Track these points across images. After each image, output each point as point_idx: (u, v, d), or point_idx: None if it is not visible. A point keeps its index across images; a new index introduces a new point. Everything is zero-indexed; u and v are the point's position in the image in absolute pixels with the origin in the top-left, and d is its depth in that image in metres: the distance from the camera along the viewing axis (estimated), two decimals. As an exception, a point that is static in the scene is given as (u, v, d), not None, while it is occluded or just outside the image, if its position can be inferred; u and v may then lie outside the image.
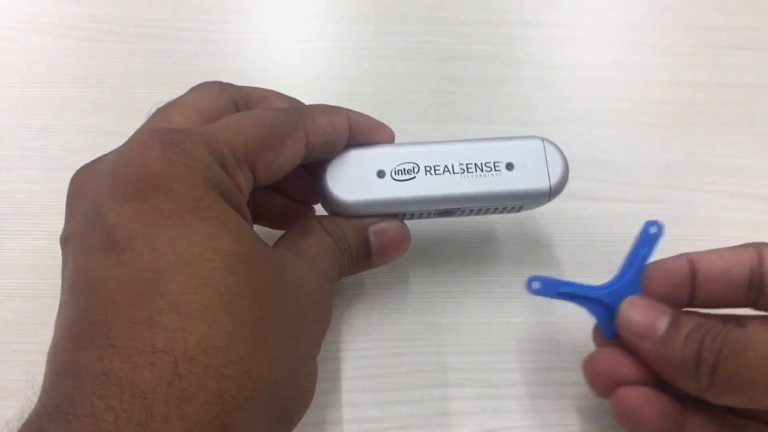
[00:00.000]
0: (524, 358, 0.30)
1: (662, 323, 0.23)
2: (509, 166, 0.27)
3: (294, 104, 0.28)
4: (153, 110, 0.25)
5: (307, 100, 0.28)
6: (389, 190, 0.27)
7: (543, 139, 0.28)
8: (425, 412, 0.29)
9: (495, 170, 0.27)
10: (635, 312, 0.24)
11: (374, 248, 0.27)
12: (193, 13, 0.41)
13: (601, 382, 0.25)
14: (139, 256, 0.19)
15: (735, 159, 0.37)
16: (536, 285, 0.26)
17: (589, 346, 0.31)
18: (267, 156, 0.23)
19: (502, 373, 0.30)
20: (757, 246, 0.25)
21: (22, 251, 0.32)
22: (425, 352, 0.30)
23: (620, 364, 0.25)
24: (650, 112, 0.39)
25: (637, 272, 0.26)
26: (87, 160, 0.34)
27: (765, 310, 0.26)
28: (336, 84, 0.39)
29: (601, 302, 0.26)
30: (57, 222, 0.32)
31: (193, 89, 0.26)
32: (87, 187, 0.22)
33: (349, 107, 0.27)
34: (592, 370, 0.26)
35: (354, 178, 0.27)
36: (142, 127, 0.24)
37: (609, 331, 0.26)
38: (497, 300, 0.32)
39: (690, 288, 0.25)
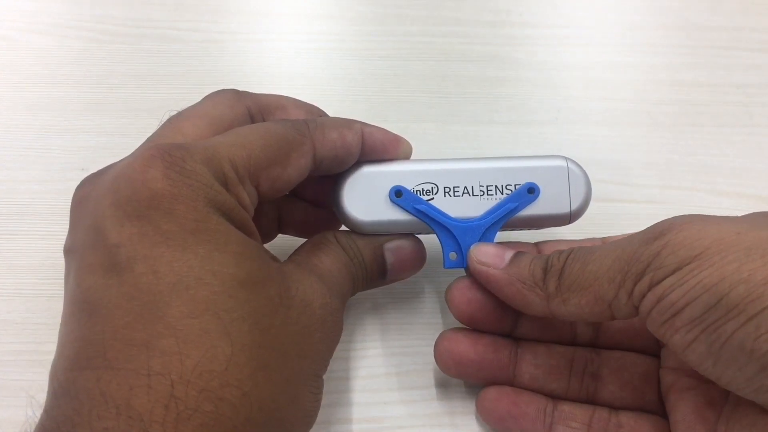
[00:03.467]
0: (524, 358, 0.30)
1: (509, 254, 0.25)
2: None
3: (311, 113, 0.27)
4: (165, 117, 0.25)
5: (308, 101, 0.28)
6: (407, 212, 0.26)
7: (567, 159, 0.27)
8: (425, 412, 0.29)
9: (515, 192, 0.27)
10: (485, 247, 0.26)
11: (389, 266, 0.27)
12: (193, 13, 0.41)
13: (449, 368, 0.27)
14: (139, 278, 0.19)
15: (735, 159, 0.37)
16: (397, 195, 0.26)
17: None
18: (272, 172, 0.23)
19: (502, 373, 0.30)
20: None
21: (22, 251, 0.32)
22: (425, 352, 0.30)
23: (467, 350, 0.26)
24: (650, 112, 0.39)
25: (496, 220, 0.26)
26: (87, 161, 0.35)
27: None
28: (336, 84, 0.39)
29: (450, 233, 0.26)
30: (57, 222, 0.33)
31: (207, 97, 0.26)
32: (89, 201, 0.21)
33: (349, 107, 0.27)
34: (439, 351, 0.27)
35: (370, 198, 0.26)
36: (151, 137, 0.24)
37: (449, 263, 0.27)
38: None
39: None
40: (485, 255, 0.26)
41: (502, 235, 0.27)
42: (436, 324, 0.31)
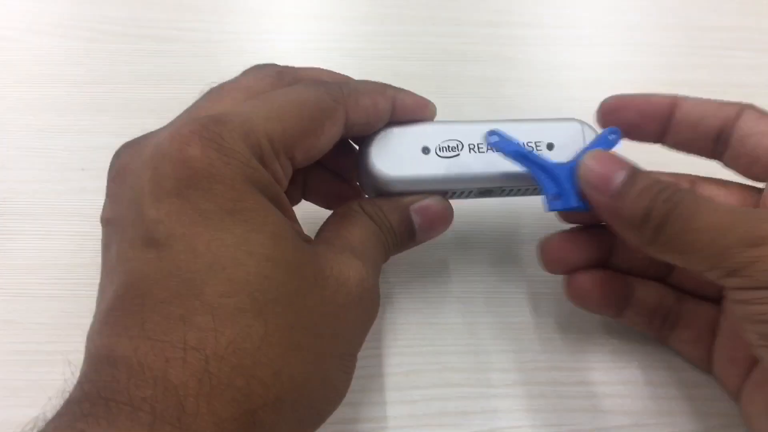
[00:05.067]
0: (524, 358, 0.30)
1: (619, 177, 0.24)
2: (550, 146, 0.28)
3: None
4: (205, 90, 0.25)
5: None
6: (434, 167, 0.27)
7: (581, 122, 0.28)
8: (425, 412, 0.29)
9: (536, 149, 0.27)
10: (595, 163, 0.24)
11: (417, 226, 0.27)
12: (193, 13, 0.41)
13: (555, 267, 0.29)
14: (177, 255, 0.19)
15: (735, 159, 0.37)
16: (494, 138, 0.26)
17: (589, 345, 0.31)
18: (306, 143, 0.23)
19: (502, 373, 0.30)
20: (743, 105, 0.27)
21: (22, 251, 0.32)
22: (425, 352, 0.30)
23: (571, 250, 0.28)
24: (650, 112, 0.39)
25: None
26: (87, 161, 0.35)
27: (729, 165, 0.27)
28: (336, 84, 0.39)
29: (551, 174, 0.26)
30: (57, 222, 0.33)
31: (248, 71, 0.26)
32: (129, 174, 0.22)
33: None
34: (546, 256, 0.28)
35: (399, 155, 0.26)
36: (189, 108, 0.25)
37: (552, 205, 0.26)
38: (497, 300, 0.32)
39: (662, 125, 0.27)
40: (593, 175, 0.24)
41: (485, 220, 0.27)
42: (437, 324, 0.31)
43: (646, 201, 0.23)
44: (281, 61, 0.26)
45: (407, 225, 0.26)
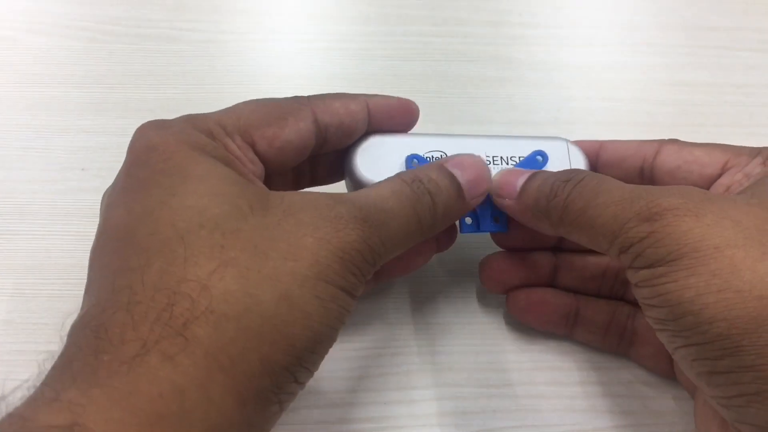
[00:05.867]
0: (524, 358, 0.30)
1: (520, 181, 0.26)
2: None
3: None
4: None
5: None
6: None
7: (567, 141, 0.29)
8: (425, 412, 0.29)
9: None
10: (500, 176, 0.27)
11: (461, 180, 0.25)
12: (193, 13, 0.41)
13: (493, 286, 0.30)
14: (118, 218, 0.22)
15: (735, 159, 0.37)
16: (412, 163, 0.27)
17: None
18: (266, 131, 0.24)
19: (502, 373, 0.30)
20: (662, 142, 0.28)
21: (22, 251, 0.32)
22: (425, 352, 0.30)
23: (510, 270, 0.29)
24: (650, 112, 0.39)
25: None
26: (87, 161, 0.35)
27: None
28: (336, 84, 0.39)
29: None
30: (57, 222, 0.33)
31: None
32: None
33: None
34: (484, 275, 0.30)
35: (383, 163, 0.27)
36: None
37: (465, 228, 0.28)
38: (497, 300, 0.32)
39: (592, 167, 0.29)
40: (499, 186, 0.27)
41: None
42: (437, 324, 0.31)
43: (546, 187, 0.25)
44: (281, 61, 0.26)
45: (450, 178, 0.25)
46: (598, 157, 0.29)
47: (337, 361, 0.30)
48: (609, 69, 0.40)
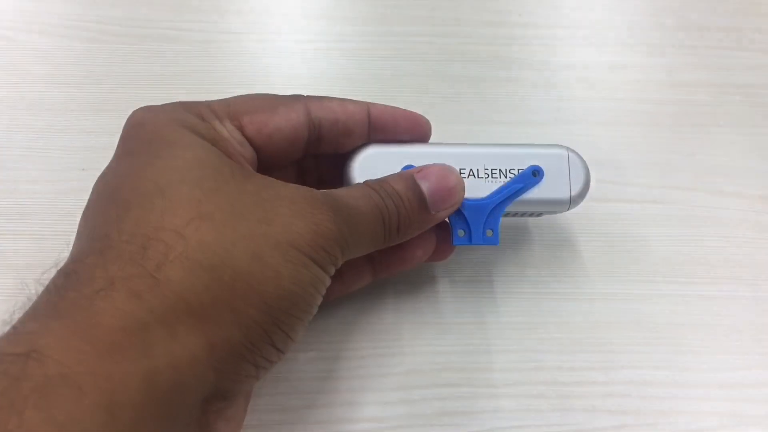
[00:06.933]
0: (524, 358, 0.30)
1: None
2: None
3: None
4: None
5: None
6: None
7: (568, 149, 0.29)
8: (425, 412, 0.29)
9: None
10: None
11: (427, 192, 0.26)
12: (193, 13, 0.41)
13: None
14: (106, 183, 0.23)
15: (735, 159, 0.37)
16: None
17: (589, 345, 0.31)
18: (255, 116, 0.25)
19: (502, 373, 0.30)
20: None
21: (22, 251, 0.32)
22: (425, 352, 0.30)
23: None
24: (650, 112, 0.39)
25: (503, 199, 0.28)
26: (87, 161, 0.35)
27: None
28: (336, 84, 0.39)
29: (459, 211, 0.28)
30: (57, 222, 0.33)
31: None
32: None
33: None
34: None
35: (379, 173, 0.27)
36: None
37: (457, 239, 0.28)
38: (497, 300, 0.32)
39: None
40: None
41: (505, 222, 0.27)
42: (437, 324, 0.31)
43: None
44: (281, 61, 0.26)
45: (415, 191, 0.26)
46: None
47: (338, 361, 0.30)
48: (609, 69, 0.40)
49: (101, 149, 0.36)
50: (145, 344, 0.18)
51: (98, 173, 0.24)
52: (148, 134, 0.23)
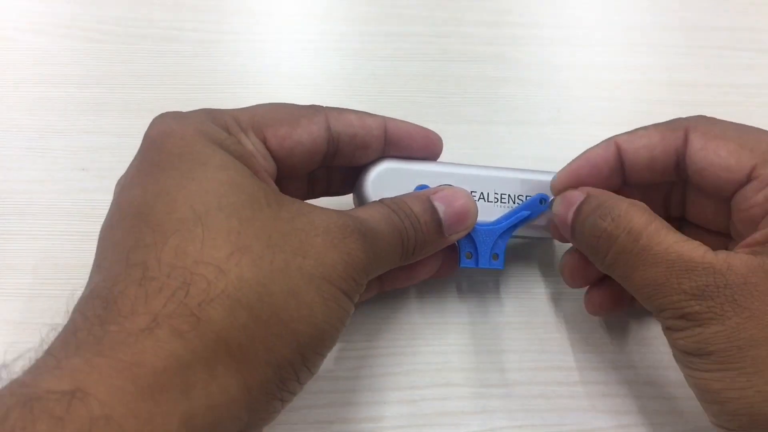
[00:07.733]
0: (524, 358, 0.30)
1: (570, 215, 0.26)
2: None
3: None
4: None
5: (308, 101, 0.28)
6: None
7: None
8: (425, 412, 0.29)
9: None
10: (556, 207, 0.27)
11: (443, 216, 0.26)
12: (193, 13, 0.41)
13: (575, 283, 0.30)
14: (134, 197, 0.22)
15: (735, 159, 0.37)
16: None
17: (589, 345, 0.31)
18: (278, 129, 0.25)
19: (502, 373, 0.30)
20: (687, 127, 0.27)
21: (21, 251, 0.32)
22: (425, 352, 0.30)
23: (588, 265, 0.28)
24: (650, 112, 0.39)
25: (510, 225, 0.29)
26: (87, 161, 0.35)
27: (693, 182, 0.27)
28: (336, 84, 0.39)
29: (468, 234, 0.28)
30: (57, 222, 0.33)
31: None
32: None
33: (350, 108, 0.27)
34: (566, 273, 0.29)
35: (393, 190, 0.27)
36: None
37: (464, 261, 0.28)
38: (497, 300, 0.32)
39: (620, 174, 0.28)
40: (556, 208, 0.27)
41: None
42: (437, 324, 0.31)
43: (589, 238, 0.25)
44: (281, 61, 0.26)
45: (432, 213, 0.26)
46: (623, 162, 0.28)
47: (337, 361, 0.30)
48: (609, 69, 0.40)
49: (102, 149, 0.36)
50: (186, 385, 0.18)
51: (98, 173, 0.24)
52: (177, 148, 0.22)
